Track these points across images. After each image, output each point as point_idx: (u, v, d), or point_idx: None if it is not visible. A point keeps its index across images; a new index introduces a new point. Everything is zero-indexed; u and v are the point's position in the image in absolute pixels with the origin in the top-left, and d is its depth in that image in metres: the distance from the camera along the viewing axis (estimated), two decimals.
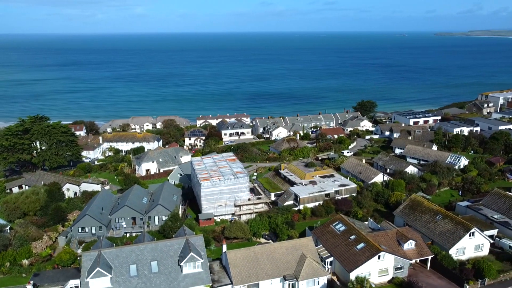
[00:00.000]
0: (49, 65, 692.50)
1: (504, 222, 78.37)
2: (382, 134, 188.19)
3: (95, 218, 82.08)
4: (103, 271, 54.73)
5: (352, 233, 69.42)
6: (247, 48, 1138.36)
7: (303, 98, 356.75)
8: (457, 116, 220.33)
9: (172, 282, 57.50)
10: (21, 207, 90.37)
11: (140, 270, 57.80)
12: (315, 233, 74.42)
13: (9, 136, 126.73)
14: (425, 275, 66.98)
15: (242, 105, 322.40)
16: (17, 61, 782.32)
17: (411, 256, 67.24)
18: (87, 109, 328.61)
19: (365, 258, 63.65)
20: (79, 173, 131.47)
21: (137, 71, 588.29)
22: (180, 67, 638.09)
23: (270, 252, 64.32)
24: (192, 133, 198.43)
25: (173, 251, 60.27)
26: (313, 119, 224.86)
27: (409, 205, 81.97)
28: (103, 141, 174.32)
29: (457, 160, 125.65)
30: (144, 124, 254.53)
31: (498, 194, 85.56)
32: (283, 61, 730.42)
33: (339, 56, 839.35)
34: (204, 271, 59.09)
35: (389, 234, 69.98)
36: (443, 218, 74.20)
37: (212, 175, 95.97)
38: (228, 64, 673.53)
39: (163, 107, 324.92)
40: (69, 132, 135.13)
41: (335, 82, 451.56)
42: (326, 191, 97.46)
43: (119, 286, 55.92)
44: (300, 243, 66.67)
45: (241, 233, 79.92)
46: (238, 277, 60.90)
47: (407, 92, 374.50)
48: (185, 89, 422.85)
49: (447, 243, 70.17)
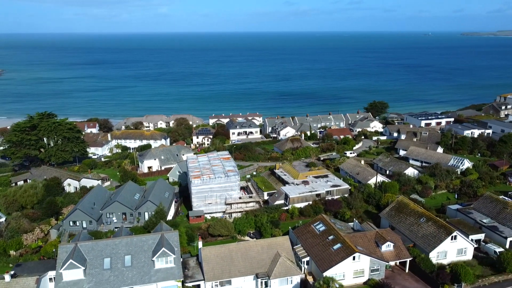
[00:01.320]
0: (76, 63, 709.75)
1: (492, 226, 76.64)
2: (390, 135, 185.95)
3: (86, 212, 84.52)
4: (76, 263, 56.57)
5: (331, 233, 69.33)
6: (269, 48, 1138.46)
7: (322, 98, 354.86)
8: (471, 118, 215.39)
9: (143, 276, 58.89)
10: (19, 201, 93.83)
11: (114, 263, 59.43)
12: (295, 233, 74.64)
13: (17, 132, 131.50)
14: (403, 278, 66.31)
15: (260, 105, 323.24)
16: (46, 59, 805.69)
17: (388, 258, 66.67)
18: (107, 107, 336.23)
19: (339, 259, 63.53)
20: (84, 169, 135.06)
21: (159, 70, 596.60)
22: (201, 67, 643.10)
23: (245, 250, 64.96)
24: (200, 132, 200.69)
25: (147, 246, 61.68)
26: (322, 119, 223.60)
27: (395, 207, 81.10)
28: (112, 138, 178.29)
29: (459, 163, 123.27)
30: (157, 122, 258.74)
31: (489, 198, 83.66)
32: (305, 61, 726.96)
33: (362, 56, 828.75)
34: (176, 266, 60.24)
35: (368, 235, 69.52)
36: (427, 221, 73.16)
37: (204, 173, 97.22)
38: (249, 64, 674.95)
39: (181, 106, 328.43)
40: (75, 128, 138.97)
41: (357, 82, 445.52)
42: (317, 191, 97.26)
43: (92, 278, 57.68)
44: (276, 242, 67.08)
45: (225, 230, 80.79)
46: (211, 273, 61.80)
47: (430, 94, 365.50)
48: (204, 88, 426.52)
49: (428, 246, 69.22)
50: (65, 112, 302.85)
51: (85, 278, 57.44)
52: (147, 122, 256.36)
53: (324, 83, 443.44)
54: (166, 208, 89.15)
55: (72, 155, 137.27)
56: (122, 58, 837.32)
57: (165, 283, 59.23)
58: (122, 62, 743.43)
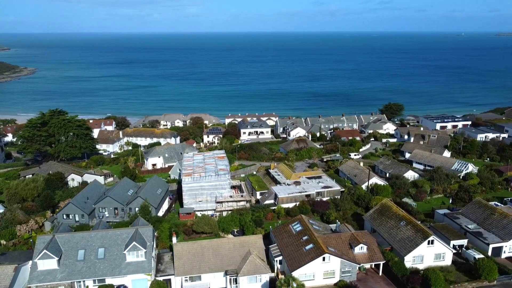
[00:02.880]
0: (106, 62, 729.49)
1: (477, 232, 74.95)
2: (401, 138, 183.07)
3: (78, 206, 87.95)
4: (50, 253, 59.39)
5: (306, 234, 69.69)
6: (296, 48, 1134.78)
7: (345, 99, 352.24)
8: (489, 122, 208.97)
9: (114, 269, 61.16)
10: (20, 193, 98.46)
11: (87, 255, 61.98)
12: (273, 232, 75.35)
13: (29, 128, 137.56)
14: (375, 281, 65.99)
15: (282, 105, 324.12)
16: (78, 58, 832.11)
17: (360, 261, 66.45)
18: (131, 105, 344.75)
19: (309, 259, 63.88)
20: (91, 164, 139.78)
21: (185, 70, 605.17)
22: (227, 66, 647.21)
23: (217, 247, 66.30)
24: (210, 131, 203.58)
25: (121, 239, 63.93)
26: (335, 121, 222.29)
27: (378, 210, 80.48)
28: (124, 136, 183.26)
29: (463, 167, 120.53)
30: (175, 121, 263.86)
31: (478, 204, 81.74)
32: (332, 61, 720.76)
33: (391, 57, 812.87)
34: (146, 260, 62.21)
35: (343, 237, 69.48)
36: (406, 225, 72.38)
37: (196, 171, 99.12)
38: (275, 64, 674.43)
39: (203, 105, 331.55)
40: (83, 126, 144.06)
41: (384, 83, 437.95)
42: (307, 192, 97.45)
43: (65, 268, 60.40)
44: (248, 240, 68.12)
45: (208, 228, 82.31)
46: (181, 268, 63.44)
47: (462, 96, 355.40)
48: (228, 88, 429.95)
49: (404, 249, 68.53)
50: (90, 110, 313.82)
51: (58, 268, 60.23)
52: (164, 121, 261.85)
53: (350, 84, 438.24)
54: (155, 204, 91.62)
55: (80, 151, 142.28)
56: (151, 57, 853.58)
57: (135, 276, 61.30)
58: (151, 61, 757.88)
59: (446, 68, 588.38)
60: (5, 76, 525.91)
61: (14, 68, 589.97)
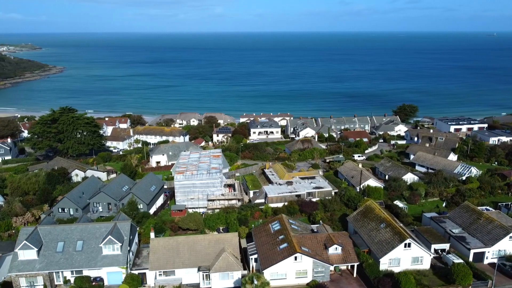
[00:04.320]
0: (132, 62, 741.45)
1: (460, 237, 73.62)
2: (411, 140, 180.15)
3: (72, 201, 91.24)
4: (30, 244, 62.21)
5: (283, 233, 70.28)
6: (320, 48, 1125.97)
7: (367, 100, 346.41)
8: (506, 124, 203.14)
9: (91, 261, 63.49)
10: (23, 187, 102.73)
11: (66, 247, 64.56)
12: (253, 231, 76.23)
13: (40, 124, 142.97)
14: (348, 282, 65.95)
15: (301, 106, 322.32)
16: (104, 58, 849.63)
17: (334, 261, 66.54)
18: (152, 104, 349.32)
19: (281, 258, 64.51)
20: (98, 161, 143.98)
21: (209, 69, 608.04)
22: (250, 66, 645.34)
23: (192, 243, 67.73)
24: (220, 130, 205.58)
25: (100, 233, 66.24)
26: (346, 122, 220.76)
27: (362, 212, 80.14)
28: (134, 134, 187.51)
29: (466, 170, 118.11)
30: (190, 119, 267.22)
31: (466, 208, 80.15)
32: (356, 61, 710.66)
33: (418, 57, 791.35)
34: (122, 254, 64.27)
35: (319, 237, 69.69)
36: (386, 227, 71.88)
37: (190, 169, 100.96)
38: (298, 64, 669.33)
39: (222, 105, 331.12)
40: (92, 123, 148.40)
41: (410, 84, 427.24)
42: (297, 192, 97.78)
43: (44, 259, 63.13)
44: (224, 237, 69.25)
45: (193, 225, 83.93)
46: (155, 263, 65.20)
47: (493, 98, 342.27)
48: (249, 88, 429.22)
49: (380, 252, 68.16)
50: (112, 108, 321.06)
51: (38, 258, 63.01)
52: (180, 119, 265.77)
53: (373, 85, 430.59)
54: (147, 200, 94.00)
55: (88, 148, 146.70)
56: (175, 57, 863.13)
57: (110, 269, 63.50)
58: (175, 61, 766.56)
59: (477, 69, 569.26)
60: (35, 75, 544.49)
61: (44, 67, 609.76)
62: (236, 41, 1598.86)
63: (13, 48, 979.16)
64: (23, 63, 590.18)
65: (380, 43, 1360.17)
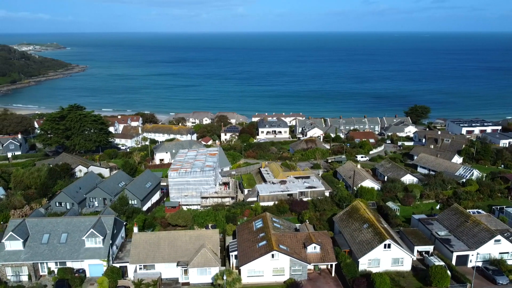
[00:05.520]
0: (153, 61, 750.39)
1: (445, 239, 72.61)
2: (419, 141, 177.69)
3: (69, 195, 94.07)
4: (16, 235, 64.78)
5: (264, 231, 70.90)
6: (341, 48, 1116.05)
7: (384, 100, 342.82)
8: None
9: (73, 253, 65.61)
10: (25, 181, 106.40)
11: (51, 239, 66.89)
12: (238, 228, 77.10)
13: (49, 121, 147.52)
14: (325, 281, 66.08)
15: (317, 106, 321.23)
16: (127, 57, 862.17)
17: (311, 260, 66.71)
18: (170, 103, 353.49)
19: (258, 255, 65.17)
20: (104, 158, 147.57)
21: (229, 69, 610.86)
22: (270, 66, 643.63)
23: (173, 238, 69.05)
24: (228, 129, 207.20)
25: (84, 226, 68.32)
26: (356, 122, 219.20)
27: (348, 212, 79.93)
28: (143, 132, 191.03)
29: (468, 173, 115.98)
30: (203, 118, 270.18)
31: (455, 210, 78.95)
32: (377, 62, 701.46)
33: (444, 58, 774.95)
34: (103, 247, 66.17)
35: (299, 236, 69.99)
36: (368, 227, 71.59)
37: (184, 166, 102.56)
38: (319, 65, 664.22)
39: (238, 105, 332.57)
40: (98, 121, 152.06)
41: (433, 86, 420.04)
42: (290, 191, 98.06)
43: (30, 250, 65.61)
44: (205, 234, 70.37)
45: (182, 221, 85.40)
46: (136, 257, 66.79)
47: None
48: (267, 88, 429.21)
49: (359, 252, 67.97)
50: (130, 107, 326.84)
51: (23, 249, 65.52)
52: (193, 118, 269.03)
53: (393, 86, 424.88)
54: (141, 196, 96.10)
55: (95, 145, 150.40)
56: (197, 56, 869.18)
57: (92, 261, 65.47)
58: (196, 60, 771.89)
59: (504, 70, 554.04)
60: (58, 73, 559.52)
61: (67, 66, 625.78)
62: (257, 41, 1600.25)
63: (39, 47, 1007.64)
64: (47, 62, 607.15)
65: (403, 44, 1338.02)
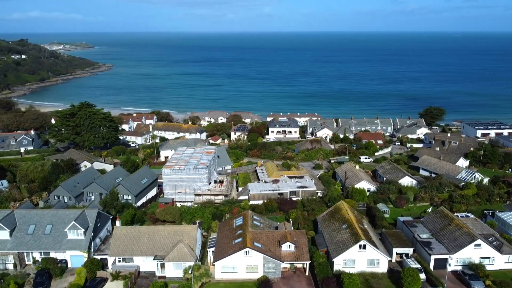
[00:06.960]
0: (179, 61, 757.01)
1: (426, 242, 71.64)
2: (429, 143, 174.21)
3: (66, 189, 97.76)
4: (2, 225, 68.18)
5: (242, 228, 71.91)
6: (368, 49, 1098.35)
7: (407, 101, 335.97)
8: None
9: (56, 244, 68.49)
10: (29, 175, 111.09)
11: (36, 230, 70.02)
12: (220, 225, 78.36)
13: (60, 118, 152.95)
14: (298, 280, 66.49)
15: (336, 106, 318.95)
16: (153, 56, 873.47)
17: (285, 259, 67.20)
18: (189, 102, 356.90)
19: (232, 252, 66.25)
20: (112, 154, 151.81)
21: (253, 69, 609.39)
22: (294, 67, 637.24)
23: (153, 233, 70.99)
24: (237, 129, 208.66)
25: (68, 219, 71.13)
26: (368, 123, 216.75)
27: (331, 212, 79.90)
28: (153, 130, 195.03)
29: (470, 176, 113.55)
30: (218, 117, 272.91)
31: (440, 213, 77.72)
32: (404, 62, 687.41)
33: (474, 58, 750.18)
34: (85, 239, 68.78)
35: (275, 234, 70.65)
36: (347, 228, 71.48)
37: (179, 164, 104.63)
38: (343, 65, 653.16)
39: (258, 105, 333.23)
40: (107, 118, 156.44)
41: (462, 87, 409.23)
42: (280, 191, 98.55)
43: (15, 240, 68.91)
44: (184, 229, 71.96)
45: (170, 217, 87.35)
46: (115, 250, 69.05)
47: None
48: (289, 88, 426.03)
49: (335, 252, 68.01)
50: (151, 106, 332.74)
51: (10, 239, 68.86)
52: (209, 117, 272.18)
53: (419, 87, 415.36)
54: (136, 192, 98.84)
55: (103, 142, 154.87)
56: (222, 56, 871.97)
57: (73, 252, 68.20)
58: (221, 60, 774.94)
59: None
60: (85, 72, 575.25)
61: (94, 65, 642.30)
62: (283, 41, 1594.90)
63: (69, 46, 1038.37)
64: (75, 61, 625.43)
65: (433, 44, 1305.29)
